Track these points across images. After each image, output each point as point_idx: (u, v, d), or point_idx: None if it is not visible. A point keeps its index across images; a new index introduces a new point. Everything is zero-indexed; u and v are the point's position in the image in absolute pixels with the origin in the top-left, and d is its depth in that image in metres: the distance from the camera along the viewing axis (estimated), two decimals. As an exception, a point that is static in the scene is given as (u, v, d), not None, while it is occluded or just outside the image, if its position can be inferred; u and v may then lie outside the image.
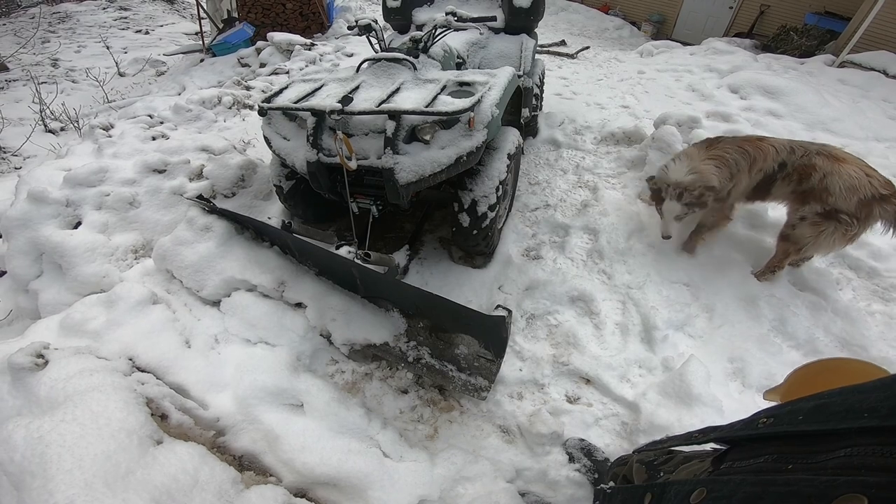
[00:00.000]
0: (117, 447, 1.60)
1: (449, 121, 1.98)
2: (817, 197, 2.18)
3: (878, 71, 5.85)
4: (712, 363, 2.10)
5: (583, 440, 1.89)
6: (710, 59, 6.27)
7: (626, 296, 2.45)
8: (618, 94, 5.09)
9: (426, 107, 1.92)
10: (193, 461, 1.67)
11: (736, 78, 5.27)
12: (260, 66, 6.04)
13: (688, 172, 2.31)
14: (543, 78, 4.09)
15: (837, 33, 6.79)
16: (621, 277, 2.54)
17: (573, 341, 2.25)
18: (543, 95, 4.22)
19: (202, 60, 6.86)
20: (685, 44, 7.57)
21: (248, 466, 1.82)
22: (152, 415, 1.82)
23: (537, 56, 4.16)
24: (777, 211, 2.70)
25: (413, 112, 1.90)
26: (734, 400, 1.98)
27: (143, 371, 1.97)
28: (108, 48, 8.70)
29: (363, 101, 2.06)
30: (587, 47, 7.60)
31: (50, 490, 1.41)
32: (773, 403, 0.98)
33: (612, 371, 2.13)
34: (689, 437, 0.81)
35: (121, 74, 7.80)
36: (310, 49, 6.11)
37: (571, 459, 1.84)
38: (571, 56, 7.09)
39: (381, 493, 1.69)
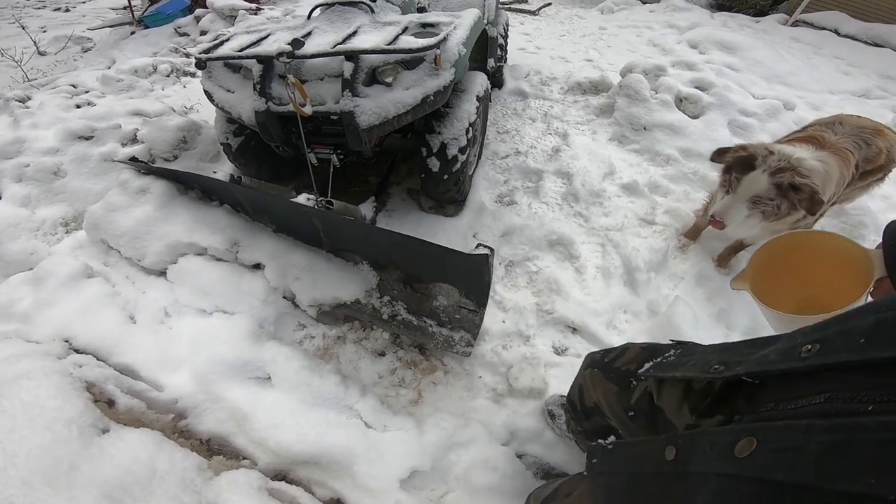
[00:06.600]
0: (54, 439, 1.43)
1: (412, 61, 1.86)
2: (883, 169, 1.97)
3: (830, 30, 6.02)
4: (696, 306, 2.04)
5: (563, 396, 1.73)
6: (669, 15, 6.33)
7: (605, 238, 2.38)
8: (581, 49, 5.10)
9: (387, 46, 1.76)
10: (147, 449, 1.51)
11: (695, 34, 5.34)
12: (200, 34, 5.57)
13: (815, 158, 1.66)
14: (507, 30, 4.00)
15: (791, -7, 6.90)
16: (598, 220, 2.48)
17: (555, 288, 2.15)
18: (507, 48, 4.12)
19: (133, 33, 6.26)
20: (644, 1, 7.55)
21: (218, 450, 1.66)
22: (95, 401, 1.62)
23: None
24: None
25: (373, 51, 1.75)
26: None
27: (81, 353, 1.75)
28: (23, 28, 7.82)
29: (316, 45, 1.90)
30: (549, 4, 7.52)
31: (-15, 491, 1.24)
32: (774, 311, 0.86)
33: (598, 318, 2.04)
34: (706, 370, 0.66)
35: (41, 53, 7.01)
36: (256, 13, 5.68)
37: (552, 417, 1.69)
38: (533, 13, 7.01)
39: (369, 467, 1.55)
